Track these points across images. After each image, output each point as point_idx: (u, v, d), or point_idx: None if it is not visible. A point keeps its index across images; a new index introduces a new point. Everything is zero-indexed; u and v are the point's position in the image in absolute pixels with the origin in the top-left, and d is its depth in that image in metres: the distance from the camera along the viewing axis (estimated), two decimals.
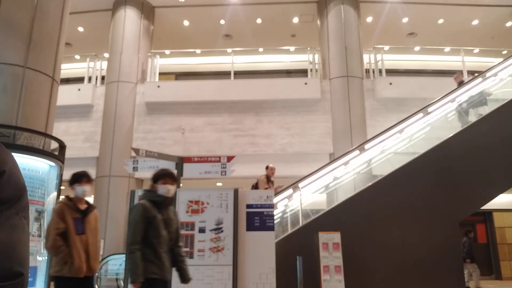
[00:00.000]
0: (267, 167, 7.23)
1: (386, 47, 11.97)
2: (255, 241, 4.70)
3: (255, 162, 10.41)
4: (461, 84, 8.04)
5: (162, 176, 3.18)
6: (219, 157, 5.17)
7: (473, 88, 7.81)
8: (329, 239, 5.44)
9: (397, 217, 6.06)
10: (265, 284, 4.59)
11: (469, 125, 6.76)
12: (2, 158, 0.68)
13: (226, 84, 11.25)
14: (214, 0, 11.86)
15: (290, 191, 6.61)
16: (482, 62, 12.19)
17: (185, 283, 3.20)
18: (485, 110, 7.33)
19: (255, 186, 7.10)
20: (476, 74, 8.21)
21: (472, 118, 7.39)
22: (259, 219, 4.82)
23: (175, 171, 5.20)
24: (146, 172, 5.47)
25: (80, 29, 12.82)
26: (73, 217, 3.44)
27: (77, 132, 10.92)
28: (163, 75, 12.58)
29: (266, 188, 6.80)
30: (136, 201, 5.02)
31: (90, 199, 11.09)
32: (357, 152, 7.20)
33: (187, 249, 4.70)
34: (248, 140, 10.68)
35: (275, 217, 5.23)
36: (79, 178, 3.61)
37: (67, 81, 11.63)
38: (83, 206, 3.58)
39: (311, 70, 11.66)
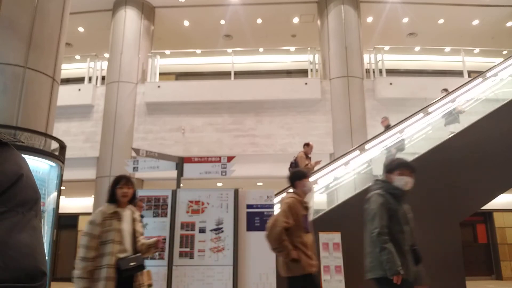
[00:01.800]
0: (308, 144, 7.59)
1: (387, 47, 11.97)
2: (256, 241, 4.70)
3: (255, 162, 10.42)
4: (387, 127, 7.69)
5: (398, 166, 2.86)
6: (220, 157, 5.17)
7: (446, 105, 7.63)
8: (330, 239, 5.44)
9: None
10: (266, 284, 4.58)
11: (469, 125, 6.76)
12: (19, 162, 0.71)
13: (226, 84, 11.26)
14: (214, 0, 11.86)
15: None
16: (482, 62, 12.19)
17: (421, 286, 2.89)
18: (457, 127, 7.18)
19: (294, 163, 7.29)
20: (448, 90, 8.02)
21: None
22: (260, 219, 4.82)
23: (175, 172, 5.20)
24: (146, 172, 5.48)
25: (81, 29, 12.82)
26: (303, 214, 3.25)
27: (78, 132, 10.93)
28: (164, 75, 12.59)
29: (307, 164, 7.08)
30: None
31: (91, 200, 11.11)
32: (357, 152, 7.20)
33: (187, 249, 4.70)
34: (248, 140, 10.68)
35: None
36: (306, 174, 3.47)
37: (67, 81, 11.64)
38: (306, 203, 3.41)
39: (311, 70, 11.66)
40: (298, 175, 3.46)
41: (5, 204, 0.65)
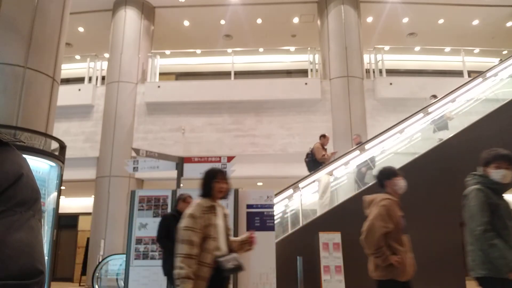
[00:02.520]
0: (324, 136, 7.67)
1: (387, 47, 11.97)
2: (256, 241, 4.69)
3: (255, 162, 10.42)
4: (359, 144, 7.61)
5: (495, 159, 2.68)
6: (220, 157, 5.17)
7: (435, 112, 7.58)
8: (330, 239, 5.44)
9: None
10: (266, 284, 4.58)
11: (470, 125, 6.76)
12: (19, 162, 0.72)
13: (226, 84, 11.26)
14: (214, 0, 11.86)
15: (290, 191, 6.62)
16: (483, 62, 12.18)
17: None
18: (446, 134, 7.13)
19: (311, 154, 7.40)
20: (437, 96, 7.90)
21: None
22: (260, 219, 4.82)
23: (175, 172, 5.20)
24: (146, 172, 5.48)
25: (80, 29, 12.82)
26: (400, 215, 3.05)
27: (78, 132, 10.93)
28: (164, 75, 12.60)
29: (324, 155, 7.21)
30: (136, 201, 5.02)
31: (91, 200, 11.11)
32: (357, 152, 7.20)
33: None
34: (248, 140, 10.68)
35: (275, 217, 5.23)
36: (396, 172, 3.16)
37: (67, 81, 11.65)
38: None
39: (311, 70, 11.66)
40: (387, 173, 3.14)
41: (4, 204, 0.65)
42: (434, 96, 8.19)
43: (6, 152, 0.71)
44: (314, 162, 7.24)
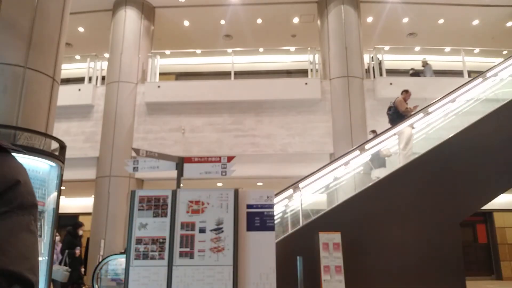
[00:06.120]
0: (407, 91, 8.02)
1: (387, 47, 11.97)
2: (256, 241, 4.70)
3: (255, 162, 10.42)
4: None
5: None
6: (220, 157, 5.16)
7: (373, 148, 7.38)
8: (330, 239, 5.44)
9: (397, 217, 6.06)
10: (266, 284, 4.58)
11: (469, 125, 6.76)
12: (17, 169, 0.72)
13: (226, 84, 11.26)
14: (215, 0, 11.87)
15: (290, 191, 6.61)
16: (483, 62, 12.18)
17: None
18: (382, 172, 7.01)
19: (393, 107, 7.78)
20: (376, 132, 7.77)
21: None
22: (260, 219, 4.82)
23: (175, 172, 5.20)
24: (146, 172, 5.48)
25: (81, 29, 12.82)
26: None
27: (78, 132, 10.93)
28: (164, 75, 12.60)
29: (407, 108, 7.61)
30: (136, 201, 5.01)
31: (91, 200, 11.10)
32: (357, 152, 7.19)
33: (188, 249, 4.70)
34: (248, 140, 10.68)
35: (275, 217, 5.22)
36: None
37: (67, 81, 11.64)
38: None
39: (311, 70, 11.66)
40: None
41: (6, 205, 0.65)
42: (373, 132, 8.12)
43: (5, 158, 0.71)
44: (397, 115, 7.60)
